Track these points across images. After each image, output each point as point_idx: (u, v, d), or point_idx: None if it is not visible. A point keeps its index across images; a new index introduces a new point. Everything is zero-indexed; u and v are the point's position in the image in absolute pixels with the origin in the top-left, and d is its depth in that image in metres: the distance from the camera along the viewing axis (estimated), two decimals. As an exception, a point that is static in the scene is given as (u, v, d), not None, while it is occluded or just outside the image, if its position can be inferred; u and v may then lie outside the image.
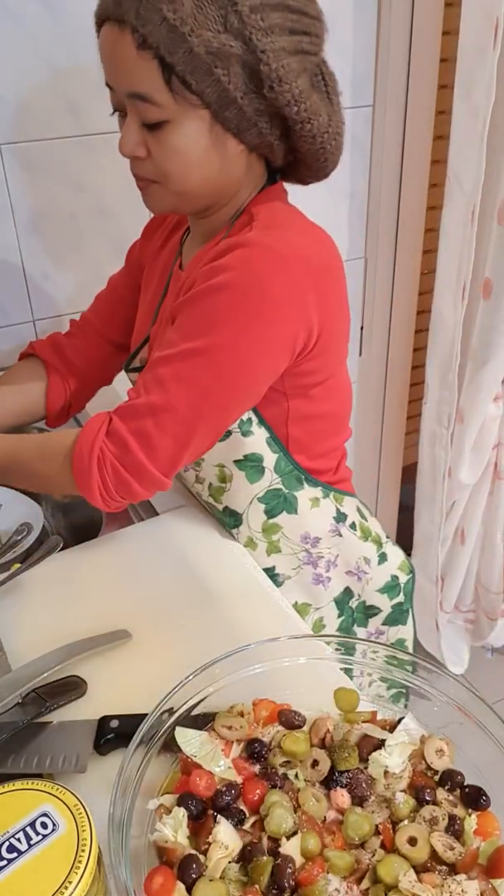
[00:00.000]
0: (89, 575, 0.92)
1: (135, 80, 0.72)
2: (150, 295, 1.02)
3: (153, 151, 0.77)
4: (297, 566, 0.98)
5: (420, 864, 0.52)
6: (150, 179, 0.80)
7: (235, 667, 0.65)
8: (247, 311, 0.76)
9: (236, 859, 0.53)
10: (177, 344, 0.79)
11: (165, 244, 1.02)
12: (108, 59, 0.74)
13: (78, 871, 0.45)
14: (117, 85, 0.75)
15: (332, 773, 0.58)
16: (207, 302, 0.77)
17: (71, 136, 1.30)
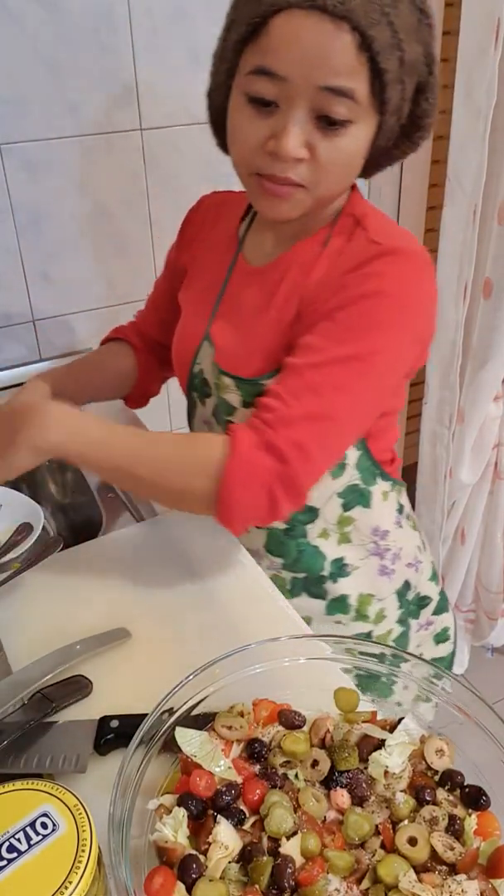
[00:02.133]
0: (89, 575, 0.92)
1: (341, 75, 0.68)
2: (201, 290, 0.97)
3: (320, 153, 0.73)
4: (365, 557, 0.98)
5: (420, 865, 0.52)
6: (297, 184, 0.75)
7: (235, 667, 0.65)
8: (402, 317, 0.77)
9: (236, 859, 0.53)
10: (326, 349, 0.76)
11: (216, 238, 0.98)
12: (306, 48, 0.68)
13: (78, 871, 0.45)
14: (309, 75, 0.69)
15: (332, 773, 0.58)
16: (363, 307, 0.76)
17: (71, 136, 1.30)
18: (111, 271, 1.44)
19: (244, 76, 0.73)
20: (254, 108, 0.73)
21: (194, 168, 1.43)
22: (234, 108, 0.76)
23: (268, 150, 0.73)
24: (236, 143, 0.78)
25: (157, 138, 1.38)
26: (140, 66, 1.31)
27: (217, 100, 0.82)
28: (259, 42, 0.71)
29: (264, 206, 0.78)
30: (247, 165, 0.77)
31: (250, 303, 0.89)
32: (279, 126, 0.72)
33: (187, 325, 0.99)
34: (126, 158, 1.37)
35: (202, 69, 1.34)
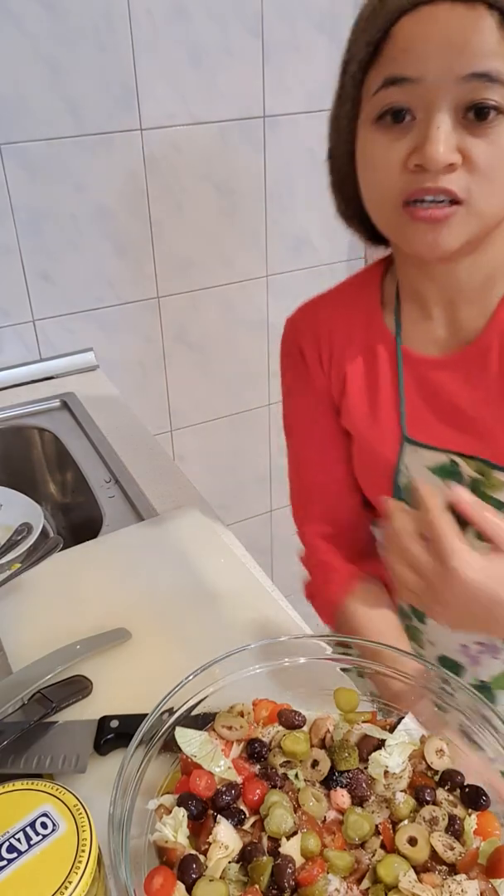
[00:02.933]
0: (89, 575, 0.92)
1: (487, 57, 0.60)
2: (367, 401, 0.84)
3: (475, 155, 0.62)
4: None
5: (420, 864, 0.52)
6: (454, 199, 0.63)
7: (235, 667, 0.65)
8: None
9: (236, 859, 0.53)
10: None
11: (354, 345, 0.84)
12: (440, 40, 0.60)
13: (78, 871, 0.45)
14: (447, 67, 0.60)
15: (332, 773, 0.58)
16: None
17: (71, 136, 1.30)
18: (111, 271, 1.44)
19: (369, 101, 0.65)
20: (386, 131, 0.65)
21: (194, 168, 1.43)
22: (364, 145, 0.67)
23: (411, 168, 0.63)
24: (374, 180, 0.68)
25: (157, 138, 1.38)
26: (140, 66, 1.31)
27: (340, 156, 0.73)
28: (383, 55, 0.64)
29: (420, 240, 0.66)
30: (391, 196, 0.66)
31: (468, 391, 0.77)
32: (421, 137, 0.63)
33: (374, 447, 0.85)
34: (126, 158, 1.37)
35: (202, 69, 1.35)
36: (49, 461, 1.31)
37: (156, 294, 1.50)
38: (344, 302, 0.86)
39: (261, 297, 1.63)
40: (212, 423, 1.70)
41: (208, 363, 1.64)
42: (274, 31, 1.39)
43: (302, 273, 1.66)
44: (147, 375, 1.59)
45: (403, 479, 0.83)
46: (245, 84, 1.42)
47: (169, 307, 1.52)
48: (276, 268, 1.61)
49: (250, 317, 1.63)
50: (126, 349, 1.52)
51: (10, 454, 1.31)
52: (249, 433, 1.76)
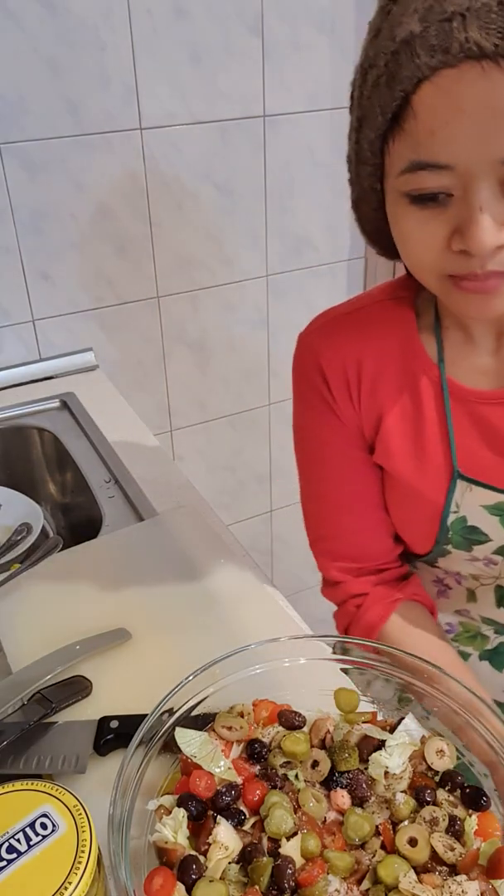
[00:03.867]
0: (89, 575, 0.92)
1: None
2: (410, 438, 0.79)
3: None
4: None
5: (420, 865, 0.52)
6: (501, 273, 0.59)
7: (235, 667, 0.65)
8: None
9: (236, 860, 0.53)
10: None
11: (389, 370, 0.78)
12: (472, 118, 0.52)
13: (78, 871, 0.45)
14: (484, 151, 0.53)
15: (333, 774, 0.58)
16: None
17: (71, 135, 1.30)
18: (111, 271, 1.44)
19: (396, 178, 0.59)
20: (421, 208, 0.59)
21: (194, 167, 1.43)
22: (396, 215, 0.62)
23: (455, 251, 0.59)
24: (412, 255, 0.64)
25: (157, 138, 1.38)
26: (140, 66, 1.31)
27: (367, 209, 0.68)
28: (405, 130, 0.56)
29: (468, 308, 0.63)
30: (432, 272, 0.63)
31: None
32: (462, 219, 0.57)
33: (418, 480, 0.79)
34: (126, 158, 1.37)
35: (202, 68, 1.35)
36: (49, 461, 1.31)
37: (156, 294, 1.50)
38: (373, 322, 0.79)
39: (261, 297, 1.62)
40: (212, 423, 1.70)
41: (208, 363, 1.64)
42: (274, 31, 1.39)
43: (302, 273, 1.66)
44: (147, 375, 1.59)
45: (453, 518, 0.78)
46: (245, 83, 1.42)
47: (169, 307, 1.52)
48: (276, 267, 1.61)
49: (250, 316, 1.63)
50: (126, 349, 1.52)
51: (10, 454, 1.31)
52: (249, 433, 1.76)
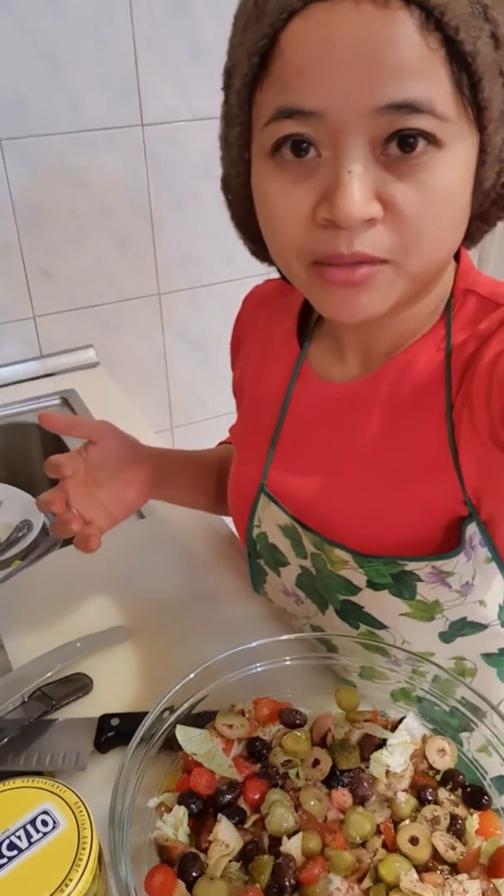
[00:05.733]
0: (89, 572, 0.92)
1: (405, 80, 0.45)
2: (251, 420, 0.78)
3: (399, 201, 0.48)
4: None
5: (421, 864, 0.52)
6: (377, 259, 0.50)
7: (237, 665, 0.65)
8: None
9: (237, 858, 0.53)
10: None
11: (269, 342, 0.76)
12: (343, 56, 0.45)
13: (78, 869, 0.45)
14: (355, 97, 0.45)
15: (334, 773, 0.58)
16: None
17: (71, 131, 1.30)
18: (112, 268, 1.43)
19: (261, 131, 0.51)
20: (285, 169, 0.50)
21: (195, 163, 1.43)
22: (261, 182, 0.53)
23: (319, 222, 0.50)
24: (276, 232, 0.54)
25: (157, 134, 1.38)
26: (141, 61, 1.31)
27: (235, 186, 0.59)
28: (272, 73, 0.48)
29: (335, 307, 0.54)
30: (296, 254, 0.53)
31: (337, 439, 0.67)
32: (329, 182, 0.48)
33: (239, 472, 0.78)
34: (127, 154, 1.36)
35: (203, 64, 1.35)
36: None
37: (157, 291, 1.49)
38: (292, 291, 0.73)
39: (262, 294, 1.62)
40: (213, 421, 1.69)
41: (209, 360, 1.64)
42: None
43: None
44: (148, 372, 1.59)
45: (257, 532, 0.75)
46: (247, 80, 1.41)
47: (170, 304, 1.52)
48: (277, 265, 1.61)
49: (251, 314, 1.62)
50: (127, 346, 1.52)
51: (11, 451, 1.31)
52: (250, 430, 1.76)
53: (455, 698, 0.61)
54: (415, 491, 0.62)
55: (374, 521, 0.65)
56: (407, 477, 0.62)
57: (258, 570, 0.79)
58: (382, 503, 0.64)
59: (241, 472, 0.77)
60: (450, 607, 0.65)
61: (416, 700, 0.65)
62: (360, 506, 0.66)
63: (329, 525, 0.67)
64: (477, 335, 0.58)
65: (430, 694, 0.63)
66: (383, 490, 0.64)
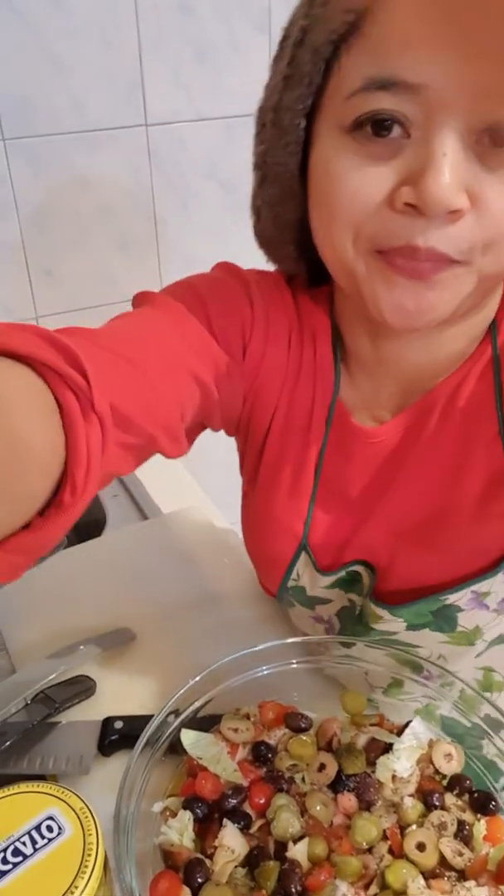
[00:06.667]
0: (93, 574, 0.92)
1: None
2: (287, 456, 0.67)
3: (490, 199, 0.45)
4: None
5: (429, 871, 0.51)
6: (452, 260, 0.47)
7: (242, 668, 0.64)
8: None
9: (243, 864, 0.53)
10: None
11: (299, 377, 0.65)
12: (463, 34, 0.40)
13: (84, 875, 0.45)
14: (466, 73, 0.41)
15: (340, 777, 0.58)
16: None
17: (75, 131, 1.29)
18: (115, 269, 1.43)
19: (344, 102, 0.45)
20: (363, 145, 0.46)
21: (199, 165, 1.42)
22: (328, 156, 0.48)
23: (398, 207, 0.45)
24: (334, 207, 0.48)
25: (161, 134, 1.37)
26: (146, 62, 1.30)
27: (280, 163, 0.52)
28: (365, 37, 0.43)
29: (397, 302, 0.49)
30: (355, 238, 0.48)
31: (383, 485, 0.63)
32: (418, 164, 0.44)
33: (270, 524, 0.69)
34: (131, 154, 1.36)
35: (207, 65, 1.34)
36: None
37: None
38: (295, 312, 0.65)
39: (265, 296, 1.62)
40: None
41: (212, 361, 1.63)
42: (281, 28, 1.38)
43: (306, 271, 1.65)
44: (150, 373, 1.58)
45: (293, 584, 0.71)
46: (251, 80, 1.40)
47: (173, 305, 1.51)
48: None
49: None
50: (130, 347, 1.51)
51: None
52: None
53: (478, 715, 0.60)
54: (472, 521, 0.60)
55: (422, 565, 0.63)
56: (463, 510, 0.60)
57: (287, 602, 0.75)
58: (432, 544, 0.62)
59: (272, 521, 0.69)
60: (489, 629, 0.65)
61: (441, 720, 0.64)
62: (410, 552, 0.63)
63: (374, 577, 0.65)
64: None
65: (455, 709, 0.62)
66: (433, 530, 0.62)
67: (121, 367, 0.51)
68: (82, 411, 0.44)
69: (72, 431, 0.44)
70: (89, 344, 0.50)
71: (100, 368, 0.46)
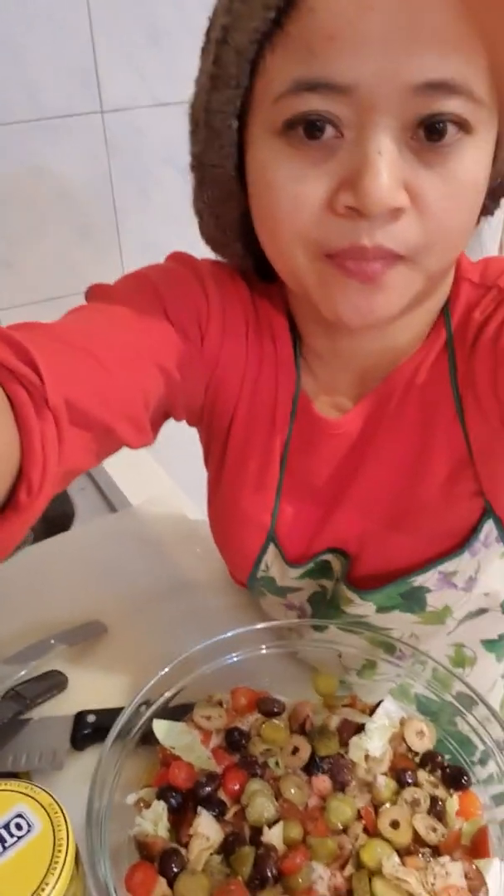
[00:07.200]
0: (62, 568, 0.91)
1: (449, 56, 0.40)
2: (251, 448, 0.66)
3: (429, 195, 0.44)
4: None
5: (403, 848, 0.52)
6: (398, 255, 0.46)
7: (213, 656, 0.64)
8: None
9: (218, 851, 0.52)
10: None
11: (260, 370, 0.64)
12: (388, 26, 0.39)
13: (55, 871, 0.44)
14: (395, 69, 0.40)
15: (313, 760, 0.58)
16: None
17: (29, 119, 1.27)
18: (75, 259, 1.41)
19: (272, 105, 0.44)
20: (297, 150, 0.45)
21: (158, 151, 1.41)
22: (263, 163, 0.47)
23: (339, 211, 0.45)
24: (278, 216, 0.47)
25: (118, 120, 1.35)
26: (99, 47, 1.28)
27: (211, 163, 0.51)
28: (291, 35, 0.42)
29: (347, 306, 0.49)
30: (304, 246, 0.48)
31: (348, 475, 0.64)
32: (354, 165, 0.43)
33: (237, 515, 0.69)
34: (87, 142, 1.34)
35: (162, 49, 1.32)
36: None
37: (123, 281, 1.47)
38: (252, 301, 0.63)
39: (230, 282, 1.61)
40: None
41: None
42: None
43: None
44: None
45: (262, 575, 0.71)
46: (207, 64, 1.39)
47: (137, 294, 1.50)
48: (244, 252, 1.59)
49: (220, 302, 1.61)
50: (94, 338, 1.49)
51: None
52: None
53: (451, 693, 0.61)
54: (439, 503, 0.60)
55: (392, 550, 0.63)
56: (428, 493, 0.60)
57: (257, 592, 0.76)
58: (401, 528, 0.62)
59: (239, 514, 0.68)
60: (459, 607, 0.65)
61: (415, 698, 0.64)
62: (379, 536, 0.64)
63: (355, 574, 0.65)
64: (475, 323, 0.55)
65: (428, 688, 0.62)
66: (401, 515, 0.62)
67: (77, 358, 0.50)
68: (35, 407, 0.43)
69: (25, 429, 0.43)
70: (43, 337, 0.49)
71: (53, 362, 0.46)
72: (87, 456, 0.53)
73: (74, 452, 0.49)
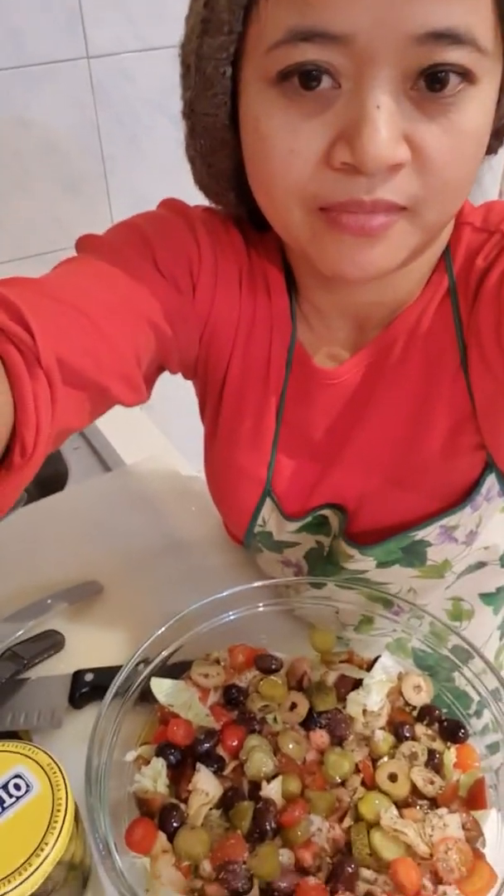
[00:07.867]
0: (57, 528, 0.90)
1: (452, 4, 0.38)
2: (246, 402, 0.65)
3: (431, 147, 0.43)
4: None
5: (401, 800, 0.52)
6: (398, 206, 0.45)
7: (210, 614, 0.64)
8: None
9: (217, 806, 0.53)
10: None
11: (254, 322, 0.63)
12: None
13: (54, 831, 0.44)
14: (393, 19, 0.39)
15: (311, 715, 0.58)
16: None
17: (12, 66, 1.22)
18: (63, 212, 1.37)
19: (266, 54, 0.42)
20: (292, 100, 0.43)
21: (147, 98, 1.36)
22: (257, 113, 0.45)
23: (335, 166, 0.43)
24: (271, 169, 0.46)
25: (105, 66, 1.30)
26: (82, -13, 1.23)
27: (207, 114, 0.49)
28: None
29: (344, 260, 0.47)
30: (300, 200, 0.46)
31: (347, 427, 0.62)
32: (351, 119, 0.41)
33: (233, 469, 0.68)
34: (73, 89, 1.29)
35: (148, -13, 1.27)
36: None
37: (113, 235, 1.44)
38: (245, 250, 0.62)
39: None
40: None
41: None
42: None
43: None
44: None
45: (259, 530, 0.70)
46: (195, 5, 1.34)
47: (127, 248, 1.47)
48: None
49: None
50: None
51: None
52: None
53: (447, 647, 0.61)
54: (442, 456, 0.59)
55: (392, 505, 0.63)
56: (429, 447, 0.59)
57: (254, 548, 0.76)
58: (403, 481, 0.61)
59: (236, 468, 0.67)
60: (458, 561, 0.65)
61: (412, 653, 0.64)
62: (379, 491, 0.63)
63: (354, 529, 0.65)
64: (478, 270, 0.54)
65: (425, 643, 0.62)
66: (402, 469, 0.61)
67: (68, 316, 0.49)
68: (27, 367, 0.43)
69: (18, 389, 0.42)
70: (33, 294, 0.48)
71: (45, 320, 0.45)
72: (80, 415, 0.52)
73: (67, 412, 0.48)
